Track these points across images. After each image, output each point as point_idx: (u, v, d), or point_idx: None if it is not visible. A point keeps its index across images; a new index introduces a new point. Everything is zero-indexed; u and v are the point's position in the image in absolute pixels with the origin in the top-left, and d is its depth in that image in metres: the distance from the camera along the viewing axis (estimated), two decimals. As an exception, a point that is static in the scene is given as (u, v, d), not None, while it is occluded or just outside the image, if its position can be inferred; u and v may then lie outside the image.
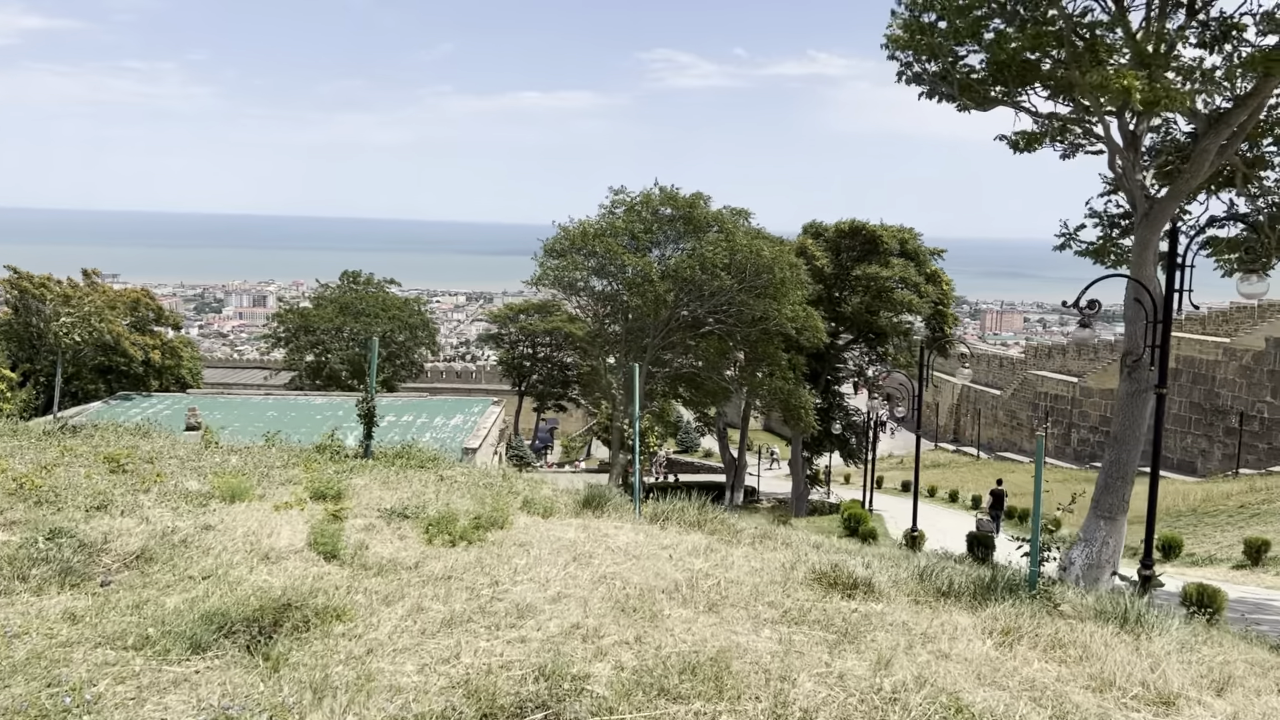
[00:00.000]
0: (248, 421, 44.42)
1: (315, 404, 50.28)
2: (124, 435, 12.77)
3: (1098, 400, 65.77)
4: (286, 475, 10.44)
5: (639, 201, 36.35)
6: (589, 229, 35.16)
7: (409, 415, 46.66)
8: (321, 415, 46.28)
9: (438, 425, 44.40)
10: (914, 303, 44.01)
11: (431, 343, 77.01)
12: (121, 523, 8.18)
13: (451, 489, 10.03)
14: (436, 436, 41.91)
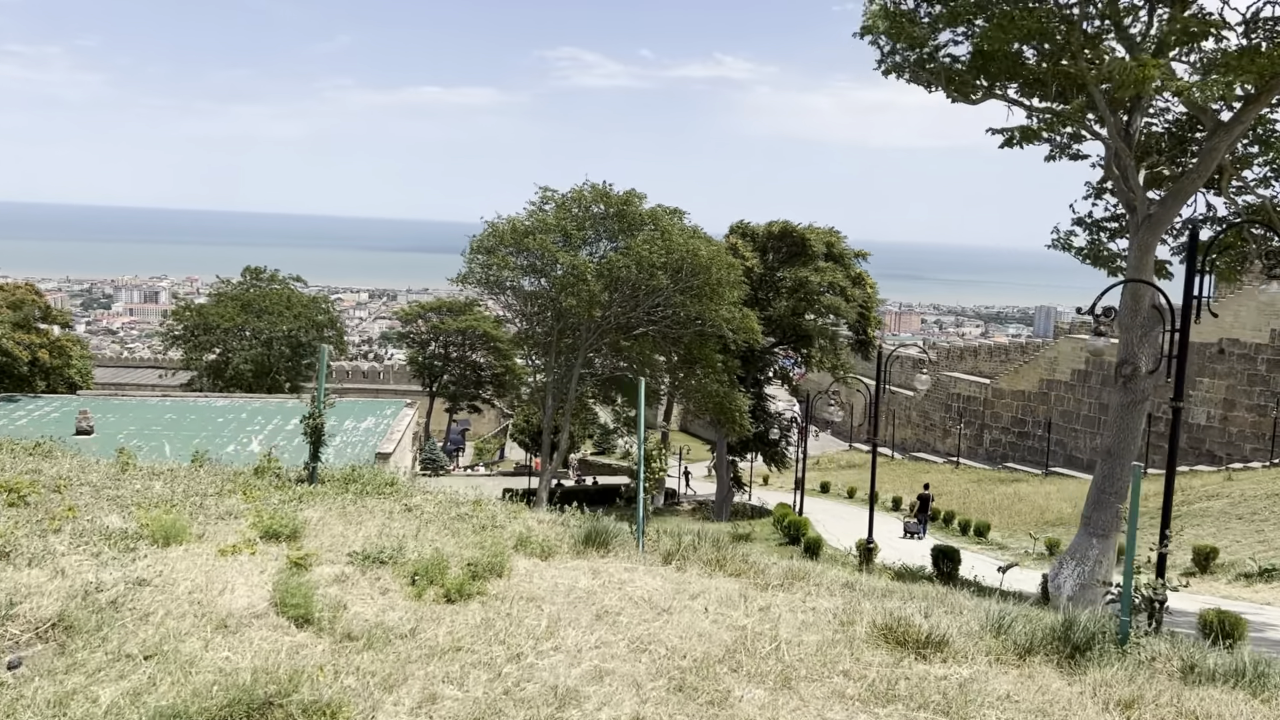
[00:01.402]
0: (144, 424, 41.60)
1: (216, 406, 47.53)
2: (20, 456, 10.98)
3: (1010, 401, 67.05)
4: (224, 506, 8.94)
5: (570, 199, 35.05)
6: (519, 226, 33.71)
7: (317, 418, 44.24)
8: (224, 418, 43.69)
9: (348, 429, 42.32)
10: (841, 307, 43.78)
11: (339, 342, 74.07)
12: (29, 576, 6.65)
13: (423, 522, 8.69)
14: (348, 440, 39.92)
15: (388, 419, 43.35)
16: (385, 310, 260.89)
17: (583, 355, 34.80)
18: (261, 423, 43.25)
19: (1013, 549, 34.08)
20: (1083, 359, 61.10)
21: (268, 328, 66.79)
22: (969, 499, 53.29)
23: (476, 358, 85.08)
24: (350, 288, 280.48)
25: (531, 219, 34.46)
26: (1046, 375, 64.88)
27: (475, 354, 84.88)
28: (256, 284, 71.48)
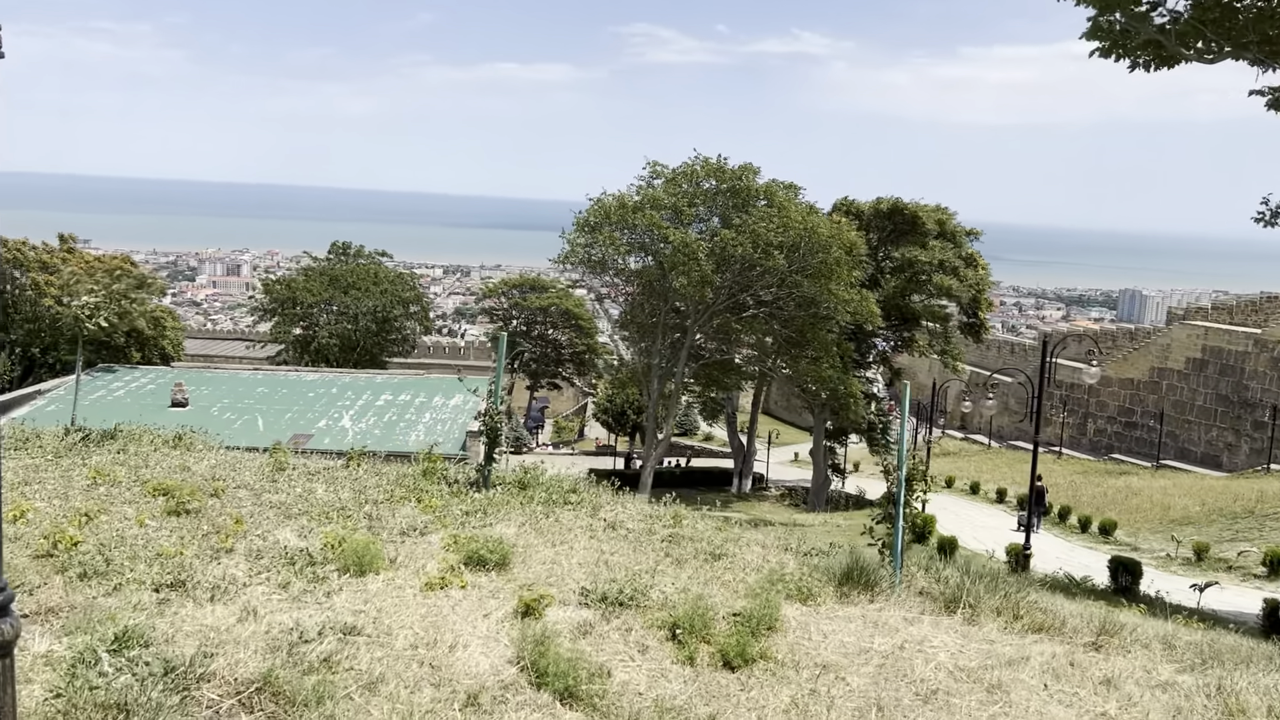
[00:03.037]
0: (236, 398, 41.34)
1: (307, 380, 47.19)
2: (160, 448, 10.01)
3: (1117, 390, 63.92)
4: (402, 517, 7.78)
5: (680, 173, 33.51)
6: (627, 202, 32.34)
7: (405, 394, 43.77)
8: (314, 393, 43.26)
9: (437, 406, 41.58)
10: (953, 287, 41.60)
11: (424, 318, 73.81)
12: (215, 615, 5.51)
13: (635, 545, 7.42)
14: (437, 417, 39.19)
15: (474, 397, 42.56)
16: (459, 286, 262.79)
17: (690, 337, 33.39)
18: (351, 398, 42.77)
19: (1148, 551, 31.87)
20: (1198, 347, 57.86)
21: (354, 303, 66.70)
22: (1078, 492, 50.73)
23: (557, 335, 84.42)
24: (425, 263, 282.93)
25: (639, 194, 33.08)
26: (1158, 363, 61.66)
27: (556, 332, 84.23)
28: (344, 259, 71.48)
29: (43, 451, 9.32)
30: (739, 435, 54.12)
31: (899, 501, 7.23)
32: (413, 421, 38.89)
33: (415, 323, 72.65)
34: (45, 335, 48.75)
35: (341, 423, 38.35)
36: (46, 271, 47.69)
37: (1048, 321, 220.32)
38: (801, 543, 8.01)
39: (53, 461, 8.95)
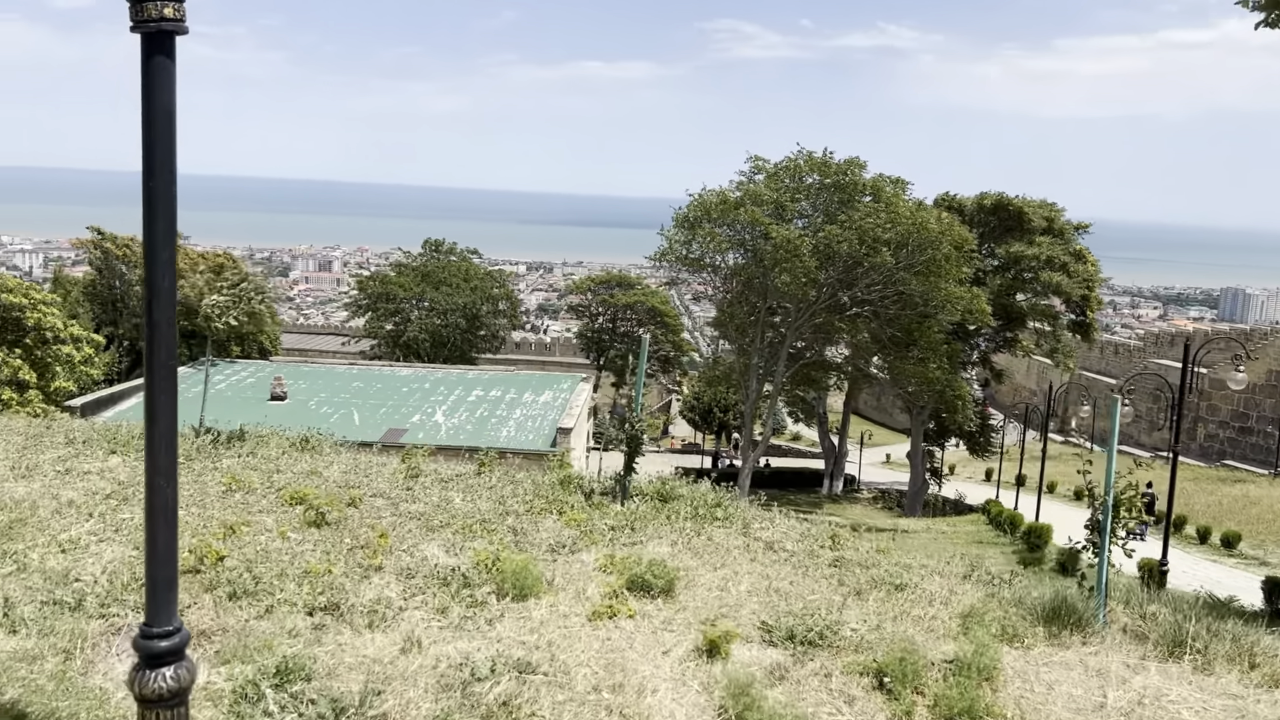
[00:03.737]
0: (333, 392, 41.80)
1: (400, 375, 47.58)
2: (288, 450, 9.76)
3: (1230, 393, 60.88)
4: (548, 531, 7.32)
5: (782, 168, 32.69)
6: (728, 198, 31.67)
7: (496, 390, 43.78)
8: (408, 388, 43.48)
9: (528, 402, 41.45)
10: (1062, 284, 39.89)
11: (514, 315, 74.14)
12: (376, 645, 5.09)
13: (802, 570, 6.83)
14: (528, 414, 39.03)
15: (565, 393, 42.32)
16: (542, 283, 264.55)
17: (791, 336, 32.57)
18: (444, 394, 42.92)
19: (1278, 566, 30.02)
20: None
21: (444, 299, 67.33)
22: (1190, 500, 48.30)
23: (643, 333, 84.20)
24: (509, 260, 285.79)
25: (739, 190, 32.37)
26: (1276, 366, 58.57)
27: (642, 329, 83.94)
28: (436, 255, 72.23)
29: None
30: (830, 436, 52.99)
31: (1105, 531, 6.49)
32: (504, 418, 38.84)
33: (505, 319, 73.08)
34: (150, 329, 50.18)
35: (435, 418, 38.49)
36: (153, 267, 49.00)
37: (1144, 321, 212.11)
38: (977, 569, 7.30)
39: (184, 464, 8.73)
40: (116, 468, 8.48)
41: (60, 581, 5.69)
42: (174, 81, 3.24)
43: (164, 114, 3.21)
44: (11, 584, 5.66)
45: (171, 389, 3.42)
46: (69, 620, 5.15)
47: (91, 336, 38.34)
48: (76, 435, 9.56)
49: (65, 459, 8.70)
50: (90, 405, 35.92)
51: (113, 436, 9.50)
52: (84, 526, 6.69)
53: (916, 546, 25.10)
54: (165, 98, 3.20)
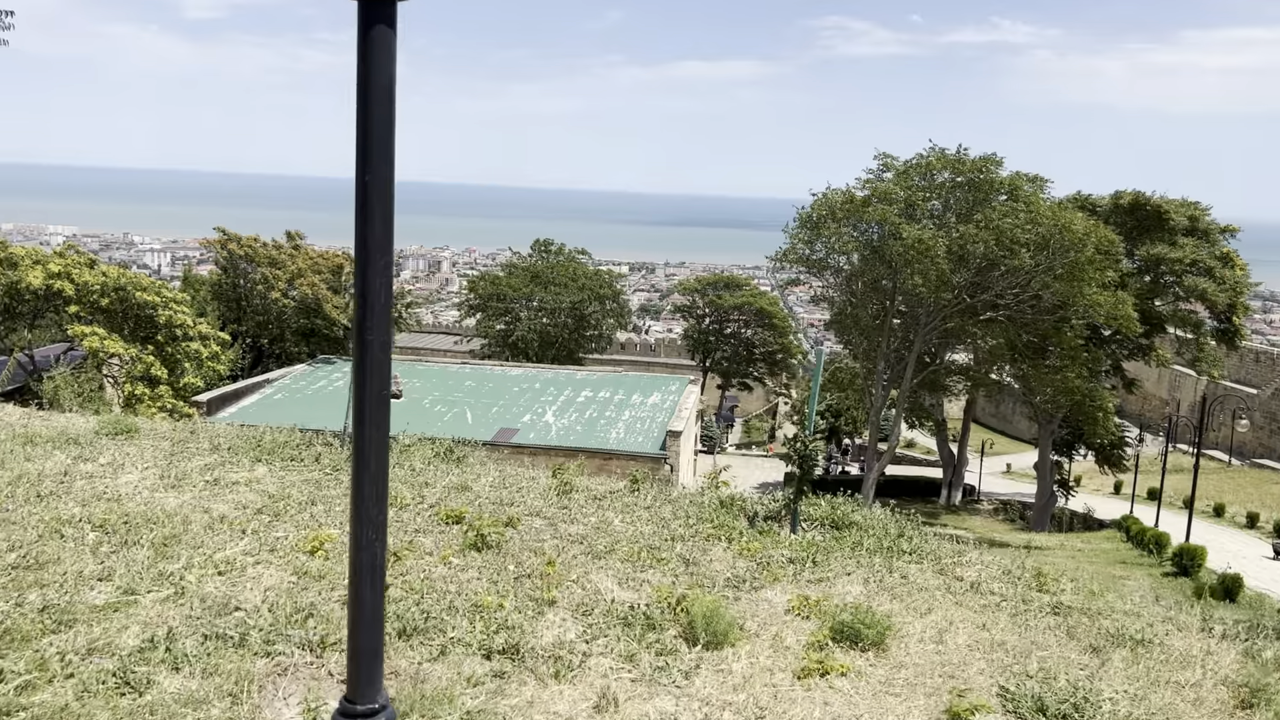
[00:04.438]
0: (446, 390, 42.07)
1: (511, 375, 47.68)
2: (432, 461, 9.34)
3: (1387, 407, 56.63)
4: (720, 563, 6.65)
5: (912, 166, 31.34)
6: (855, 196, 30.50)
7: (605, 391, 43.43)
8: (519, 387, 43.44)
9: (635, 404, 40.94)
10: (1208, 289, 37.35)
11: (621, 315, 73.97)
12: (566, 700, 4.51)
13: (1019, 619, 6.00)
14: (636, 415, 38.52)
15: (673, 395, 41.71)
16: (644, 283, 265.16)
17: (920, 341, 31.20)
18: (554, 394, 42.80)
19: None
20: None
21: (553, 299, 67.56)
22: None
23: (750, 334, 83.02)
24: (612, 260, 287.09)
25: (866, 188, 31.17)
26: None
27: (749, 331, 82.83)
28: (545, 256, 72.58)
29: (314, 461, 8.78)
30: (948, 444, 51.10)
31: None
32: (613, 419, 38.45)
33: (612, 319, 72.99)
34: (273, 327, 51.53)
35: (545, 418, 38.34)
36: (275, 266, 50.24)
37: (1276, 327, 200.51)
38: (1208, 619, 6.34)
39: (332, 476, 8.37)
40: (263, 478, 8.17)
41: (220, 610, 5.29)
42: (394, 55, 2.68)
43: (383, 92, 2.65)
44: (171, 611, 5.28)
45: (384, 423, 2.87)
46: (233, 658, 4.71)
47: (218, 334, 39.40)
48: (221, 441, 9.34)
49: (212, 467, 8.44)
50: (215, 401, 36.87)
51: (257, 444, 9.23)
52: (238, 546, 6.31)
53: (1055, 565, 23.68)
54: (385, 74, 2.65)
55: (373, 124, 2.68)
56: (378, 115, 2.68)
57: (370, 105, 2.68)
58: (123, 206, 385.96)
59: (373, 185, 2.71)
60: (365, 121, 2.68)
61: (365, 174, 2.70)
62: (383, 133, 2.69)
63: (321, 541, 6.26)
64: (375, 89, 2.66)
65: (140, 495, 7.45)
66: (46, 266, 30.06)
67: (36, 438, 9.15)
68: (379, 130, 2.69)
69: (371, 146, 2.69)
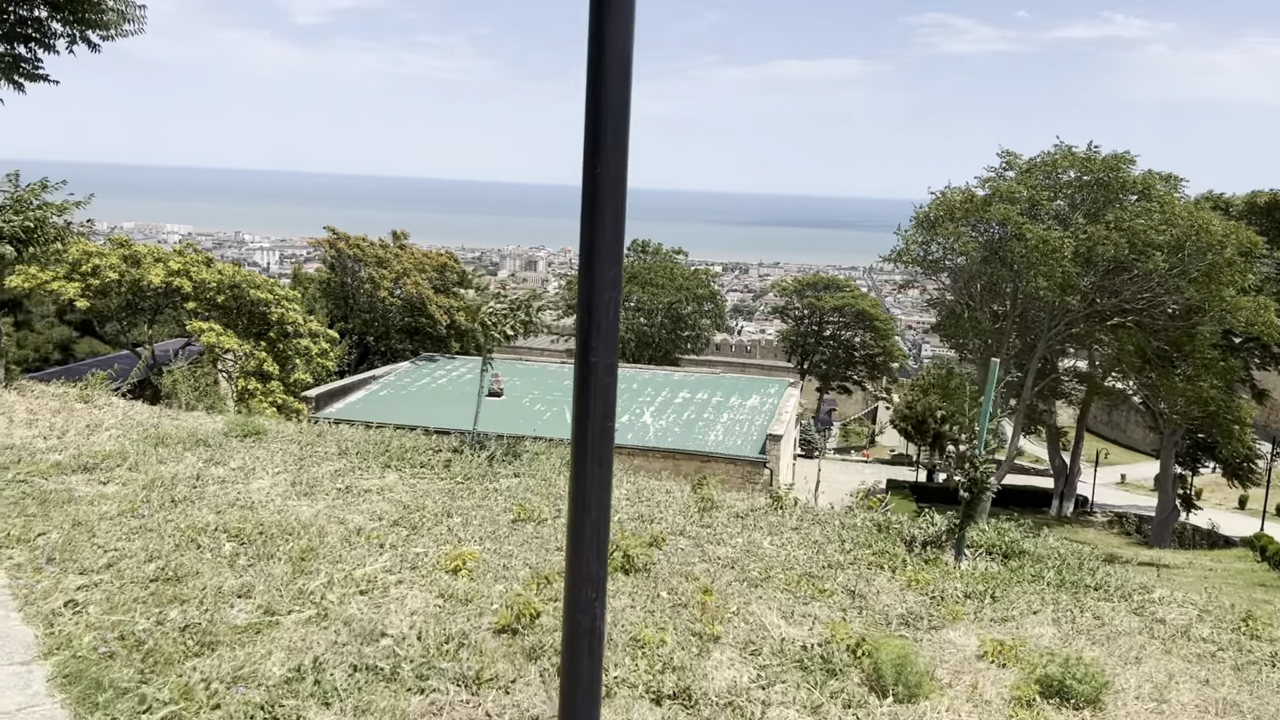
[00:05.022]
0: (545, 389, 42.10)
1: (610, 376, 47.53)
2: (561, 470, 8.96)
3: None
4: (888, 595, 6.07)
5: (1036, 164, 29.90)
6: (975, 195, 29.27)
7: (703, 393, 42.85)
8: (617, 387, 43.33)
9: (734, 406, 40.26)
10: (1360, 297, 34.76)
11: (718, 315, 73.32)
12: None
13: (1241, 674, 5.29)
14: (735, 418, 37.84)
15: (772, 398, 40.91)
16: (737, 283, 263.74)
17: (1042, 346, 29.80)
18: (651, 394, 42.45)
19: None
20: None
21: (650, 299, 67.34)
22: None
23: (849, 337, 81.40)
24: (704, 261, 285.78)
25: (985, 187, 29.89)
26: None
27: (849, 333, 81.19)
28: (642, 256, 72.45)
29: (450, 472, 8.48)
30: (1060, 453, 49.04)
31: None
32: (711, 421, 37.86)
33: (709, 320, 72.42)
34: (378, 324, 52.47)
35: (643, 419, 37.97)
36: (381, 265, 51.12)
37: None
38: None
39: (464, 485, 8.06)
40: (395, 486, 7.89)
41: (366, 636, 4.95)
42: (632, 27, 2.22)
43: (619, 69, 2.19)
44: (315, 635, 4.96)
45: (608, 459, 2.43)
46: (385, 694, 4.35)
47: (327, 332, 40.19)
48: (349, 446, 9.13)
49: (342, 473, 8.21)
50: (323, 396, 37.55)
51: (385, 449, 8.99)
52: (378, 562, 6.00)
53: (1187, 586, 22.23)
54: (621, 48, 2.19)
55: (606, 106, 2.23)
56: (612, 96, 2.23)
57: (603, 84, 2.23)
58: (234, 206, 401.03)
59: (604, 179, 2.26)
60: (597, 103, 2.23)
61: (595, 166, 2.25)
62: (617, 117, 2.24)
63: (464, 560, 5.90)
64: (609, 65, 2.21)
65: (273, 503, 7.24)
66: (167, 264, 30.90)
67: (167, 439, 9.08)
68: (613, 114, 2.24)
69: (604, 133, 2.24)
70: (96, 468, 8.01)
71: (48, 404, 10.73)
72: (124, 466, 8.04)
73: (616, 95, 2.22)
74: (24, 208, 11.16)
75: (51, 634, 4.85)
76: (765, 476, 34.35)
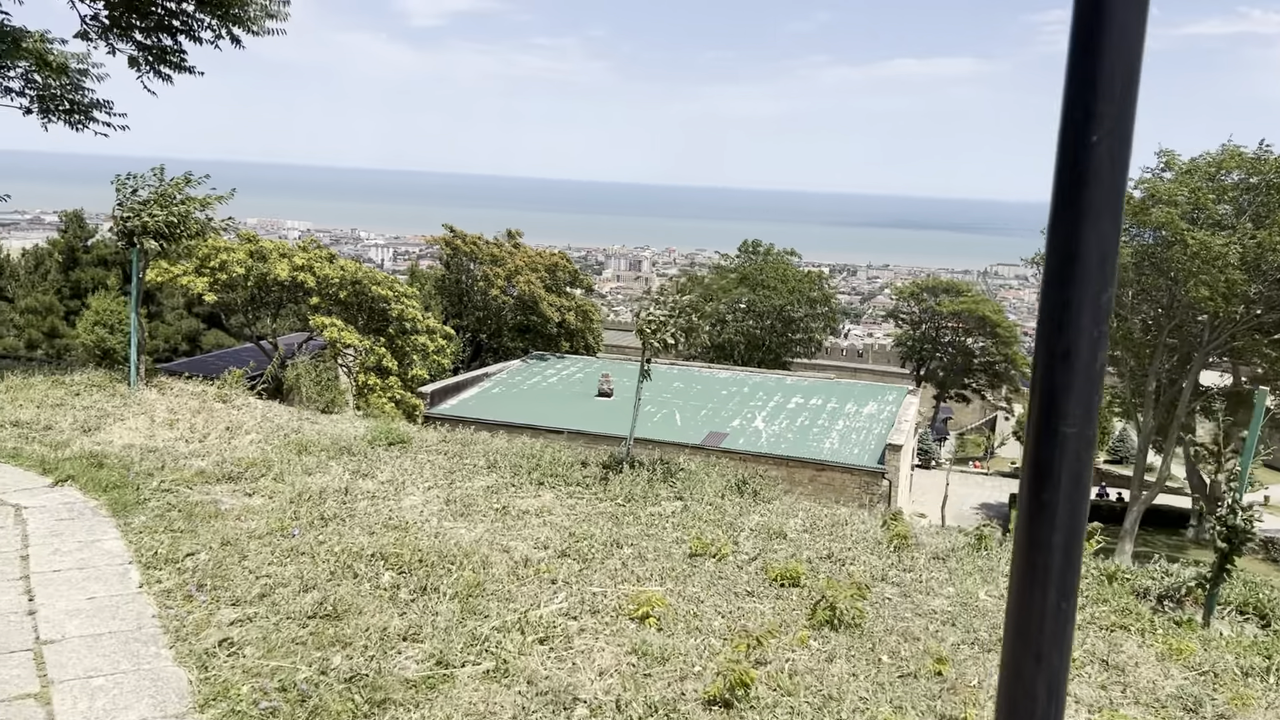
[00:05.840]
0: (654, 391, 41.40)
1: (720, 378, 46.62)
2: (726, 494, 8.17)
3: None
4: (1144, 665, 5.07)
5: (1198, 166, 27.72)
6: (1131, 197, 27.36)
7: (816, 399, 41.56)
8: (726, 390, 42.29)
9: (850, 413, 38.83)
10: None
11: (832, 319, 71.57)
12: None
13: None
14: (850, 426, 36.46)
15: (890, 406, 39.34)
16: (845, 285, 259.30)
17: (1201, 359, 27.68)
18: (763, 399, 41.42)
19: None
20: None
21: (761, 301, 66.18)
22: None
23: (969, 343, 78.53)
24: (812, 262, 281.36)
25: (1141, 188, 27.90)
26: None
27: (968, 339, 78.32)
28: (753, 257, 71.29)
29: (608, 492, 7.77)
30: (1200, 471, 46.02)
31: None
32: (825, 428, 36.61)
33: (821, 323, 70.79)
34: (491, 322, 52.76)
35: (754, 424, 36.99)
36: (495, 264, 51.33)
37: None
38: None
39: (625, 508, 7.34)
40: (553, 508, 7.23)
41: (556, 701, 4.24)
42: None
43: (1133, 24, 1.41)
44: (497, 694, 4.28)
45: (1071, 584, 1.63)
46: (596, 785, 3.62)
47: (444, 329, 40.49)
48: (497, 459, 8.53)
49: (496, 490, 7.59)
50: (438, 393, 37.74)
51: (535, 463, 8.35)
52: (554, 603, 5.31)
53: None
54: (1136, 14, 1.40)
55: (1108, 39, 1.44)
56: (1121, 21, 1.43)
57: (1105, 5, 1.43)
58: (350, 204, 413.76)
59: (1101, 153, 1.45)
60: (1095, 36, 1.44)
61: (1091, 131, 1.45)
62: (1127, 58, 1.44)
63: (651, 604, 5.15)
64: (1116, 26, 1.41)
65: (428, 524, 6.65)
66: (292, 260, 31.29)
67: (310, 446, 8.64)
68: (1121, 53, 1.44)
69: (1106, 81, 1.44)
70: (241, 477, 7.59)
71: (187, 403, 10.48)
72: (269, 477, 7.59)
73: (1128, 21, 1.43)
74: (168, 202, 10.97)
75: (207, 680, 4.29)
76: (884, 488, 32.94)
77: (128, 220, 10.71)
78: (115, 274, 40.47)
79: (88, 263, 42.35)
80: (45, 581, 5.38)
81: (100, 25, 12.33)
